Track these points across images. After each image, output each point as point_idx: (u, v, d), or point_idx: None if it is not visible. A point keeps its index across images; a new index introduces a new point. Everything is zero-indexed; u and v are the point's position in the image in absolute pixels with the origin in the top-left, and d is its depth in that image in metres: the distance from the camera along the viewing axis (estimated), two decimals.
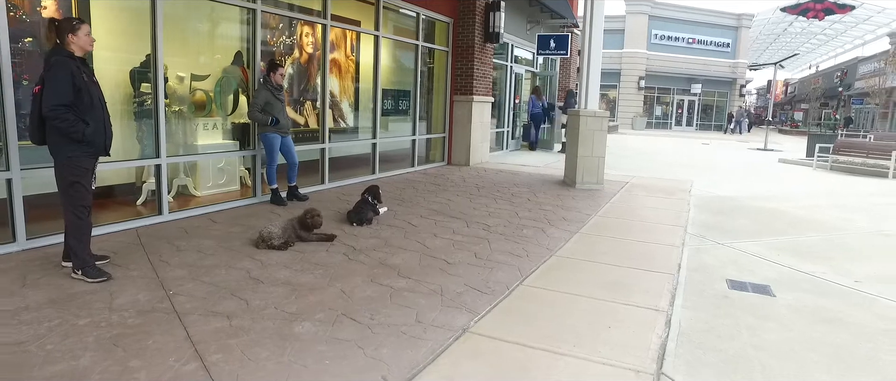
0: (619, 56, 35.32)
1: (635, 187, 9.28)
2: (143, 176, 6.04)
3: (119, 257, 4.36)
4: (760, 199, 9.09)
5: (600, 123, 8.98)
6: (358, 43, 8.96)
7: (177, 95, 6.27)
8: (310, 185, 7.69)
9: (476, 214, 6.63)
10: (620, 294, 4.02)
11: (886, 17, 35.65)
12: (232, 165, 6.89)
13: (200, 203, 6.24)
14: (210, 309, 3.42)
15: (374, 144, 9.17)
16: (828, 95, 45.44)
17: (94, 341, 2.96)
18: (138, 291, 3.69)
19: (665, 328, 3.47)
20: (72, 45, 3.80)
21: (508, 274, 4.39)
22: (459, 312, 3.58)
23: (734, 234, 6.36)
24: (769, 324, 3.70)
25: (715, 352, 3.22)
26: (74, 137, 3.74)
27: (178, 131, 6.31)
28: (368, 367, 2.79)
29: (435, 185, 8.74)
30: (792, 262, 5.25)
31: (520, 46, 14.71)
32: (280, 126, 6.38)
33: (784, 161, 16.35)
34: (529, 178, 9.96)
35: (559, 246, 5.32)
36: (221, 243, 4.89)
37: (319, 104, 7.99)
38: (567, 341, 3.20)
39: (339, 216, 6.08)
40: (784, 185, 11.34)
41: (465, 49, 11.02)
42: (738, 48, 38.02)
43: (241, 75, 6.87)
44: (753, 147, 22.17)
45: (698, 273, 4.77)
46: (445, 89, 11.24)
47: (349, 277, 4.16)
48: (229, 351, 2.88)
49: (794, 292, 4.36)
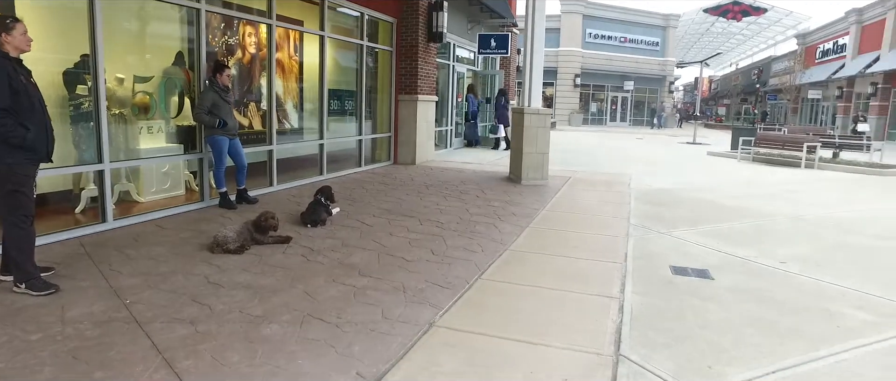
0: (556, 54, 36.30)
1: (578, 182, 9.64)
2: (82, 182, 5.78)
3: (65, 268, 4.19)
4: (694, 190, 9.66)
5: (543, 121, 9.27)
6: (302, 43, 8.87)
7: (117, 97, 6.02)
8: (258, 187, 7.57)
9: (428, 211, 6.73)
10: (575, 284, 4.22)
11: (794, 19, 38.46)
12: (177, 170, 6.69)
13: (145, 209, 6.03)
14: (172, 316, 3.36)
15: (321, 144, 9.11)
16: (747, 91, 48.42)
17: (51, 355, 2.85)
18: (92, 302, 3.57)
19: (619, 314, 3.69)
20: (6, 46, 3.62)
21: (466, 269, 4.52)
22: (423, 307, 3.67)
23: (673, 223, 6.75)
24: (710, 305, 4.00)
25: (665, 333, 3.46)
26: (14, 142, 3.57)
27: (119, 135, 6.06)
28: (342, 364, 2.84)
29: (384, 184, 8.78)
30: (726, 247, 5.65)
31: (461, 46, 14.91)
32: (228, 128, 6.25)
33: (712, 154, 17.35)
34: (476, 175, 10.16)
35: (512, 240, 5.50)
36: (174, 250, 4.77)
37: (265, 105, 7.86)
38: (530, 329, 3.35)
39: (292, 218, 6.04)
40: (714, 176, 12.06)
41: (409, 49, 11.09)
42: (667, 47, 39.90)
43: (185, 77, 6.67)
44: (683, 141, 23.37)
45: (644, 261, 5.07)
46: (390, 89, 11.27)
47: (311, 278, 4.17)
48: (199, 357, 2.86)
49: (730, 275, 4.72)
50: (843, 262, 5.31)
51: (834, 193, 9.93)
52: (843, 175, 12.66)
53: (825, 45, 35.68)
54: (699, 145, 21.09)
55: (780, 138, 16.02)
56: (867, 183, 11.37)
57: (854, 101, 31.14)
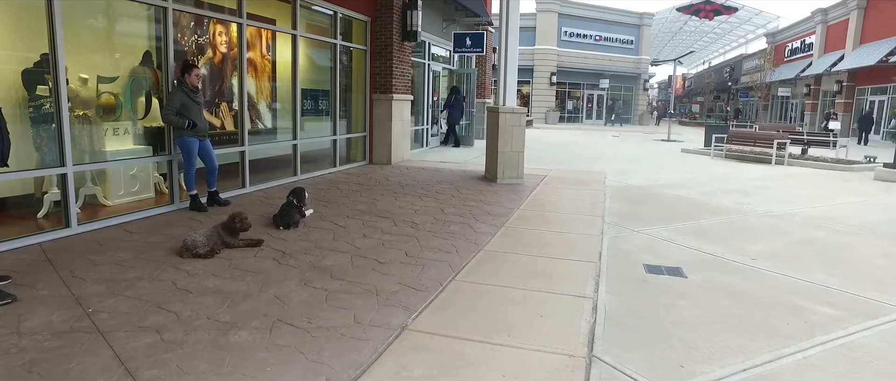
0: (532, 53, 36.49)
1: (553, 180, 9.68)
2: (45, 186, 5.60)
3: (23, 277, 4.03)
4: (668, 187, 9.78)
5: (518, 119, 9.28)
6: (274, 42, 8.73)
7: (80, 97, 5.84)
8: (230, 189, 7.43)
9: (402, 212, 6.67)
10: (549, 284, 4.22)
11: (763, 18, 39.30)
12: (145, 172, 6.53)
13: (112, 213, 5.87)
14: (137, 324, 3.26)
15: (294, 145, 8.98)
16: (719, 88, 49.31)
17: (4, 369, 2.73)
18: (51, 311, 3.44)
19: (592, 314, 3.69)
20: None
21: (440, 271, 4.48)
22: (396, 310, 3.62)
23: (647, 221, 6.81)
24: (683, 302, 4.03)
25: (639, 332, 3.48)
26: None
27: (83, 137, 5.89)
28: (312, 371, 2.78)
29: (358, 184, 8.69)
30: (698, 244, 5.71)
31: (437, 44, 14.87)
32: (198, 130, 6.11)
33: (686, 151, 17.61)
34: (451, 174, 10.13)
35: (486, 241, 5.48)
36: (141, 255, 4.64)
37: (237, 106, 7.72)
38: (503, 331, 3.33)
39: (264, 220, 5.93)
40: (687, 173, 12.23)
41: (384, 48, 11.01)
42: (641, 45, 40.39)
43: (152, 77, 6.51)
44: (658, 138, 23.68)
45: (618, 259, 5.10)
46: (365, 88, 11.18)
47: (282, 282, 4.09)
48: (164, 366, 2.77)
49: (702, 272, 4.77)
50: (809, 257, 5.42)
51: (802, 189, 10.14)
52: (812, 171, 12.97)
53: (793, 44, 36.52)
54: (673, 143, 21.39)
55: (751, 135, 16.34)
56: (834, 179, 11.66)
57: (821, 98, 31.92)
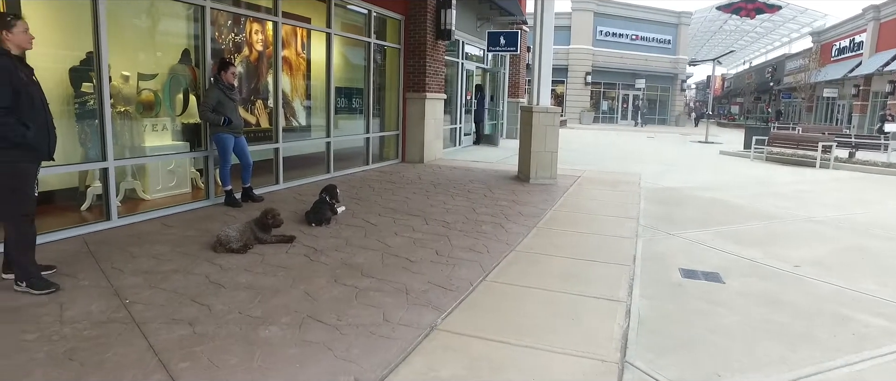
0: (567, 52, 36.09)
1: (587, 181, 9.53)
2: (88, 180, 5.77)
3: (67, 267, 4.16)
4: (705, 189, 9.52)
5: (552, 119, 9.17)
6: (309, 41, 8.83)
7: (122, 94, 6.01)
8: (264, 185, 7.54)
9: (434, 211, 6.66)
10: (581, 286, 4.13)
11: (809, 17, 37.93)
12: (183, 167, 6.67)
13: (151, 207, 6.02)
14: (171, 317, 3.32)
15: (328, 142, 9.07)
16: (760, 89, 47.87)
17: (46, 356, 2.82)
18: (91, 301, 3.54)
19: (625, 318, 3.60)
20: (7, 43, 3.59)
21: (470, 271, 4.45)
22: (426, 310, 3.60)
23: (683, 224, 6.64)
24: (720, 309, 3.90)
25: (673, 338, 3.37)
26: (15, 141, 3.54)
27: (124, 133, 6.06)
28: (340, 368, 2.78)
29: (391, 183, 8.72)
30: (737, 249, 5.53)
31: (470, 43, 14.82)
32: (233, 126, 6.22)
33: (724, 153, 17.14)
34: (484, 174, 10.07)
35: (518, 241, 5.42)
36: (177, 248, 4.74)
37: (272, 103, 7.83)
38: (533, 334, 3.27)
39: (296, 217, 5.99)
40: (725, 175, 11.89)
41: (417, 46, 11.02)
42: (679, 45, 39.54)
43: (191, 74, 6.65)
44: (695, 140, 23.13)
45: (652, 263, 4.97)
46: (398, 87, 11.21)
47: (312, 278, 4.11)
48: (196, 359, 2.81)
49: (740, 278, 4.61)
50: (858, 265, 5.18)
51: (850, 193, 9.73)
52: (860, 175, 12.43)
53: (841, 42, 35.13)
54: (711, 144, 20.85)
55: (794, 137, 15.78)
56: (885, 184, 11.15)
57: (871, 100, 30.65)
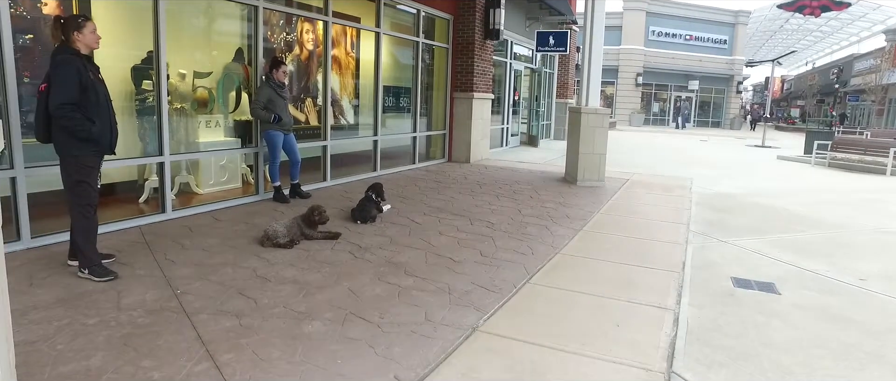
0: (617, 53, 35.33)
1: (636, 184, 9.29)
2: (146, 174, 6.02)
3: (124, 256, 4.35)
4: (761, 195, 9.13)
5: (601, 120, 8.98)
6: (358, 40, 8.94)
7: (179, 92, 6.24)
8: (312, 182, 7.68)
9: (479, 211, 6.63)
10: (627, 292, 4.03)
11: (882, 14, 35.78)
12: (234, 163, 6.87)
13: (203, 201, 6.23)
14: (219, 308, 3.41)
15: (375, 141, 9.16)
16: (824, 91, 45.59)
17: (105, 340, 2.95)
18: (146, 290, 3.68)
19: (673, 327, 3.48)
20: (77, 43, 3.77)
21: (514, 272, 4.40)
22: (468, 310, 3.58)
23: (736, 231, 6.38)
24: (776, 322, 3.72)
25: (724, 350, 3.24)
26: (81, 135, 3.72)
27: (180, 129, 6.29)
28: (381, 366, 2.79)
29: (436, 182, 8.74)
30: (795, 259, 5.27)
31: (519, 43, 14.70)
32: (282, 123, 6.36)
33: (782, 158, 16.41)
34: (530, 175, 9.97)
35: (563, 244, 5.33)
36: (227, 242, 4.88)
37: (321, 101, 7.97)
38: (576, 339, 3.20)
39: (342, 214, 6.08)
40: (783, 182, 11.38)
41: (466, 46, 11.00)
42: (735, 45, 38.09)
43: (243, 72, 6.84)
44: (751, 144, 22.24)
45: (703, 271, 4.79)
46: (446, 86, 11.23)
47: (356, 275, 4.15)
48: (240, 351, 2.88)
49: (799, 290, 4.38)
50: None
51: None
52: None
53: None
54: (768, 149, 20.01)
55: (861, 142, 14.95)
56: None
57: None
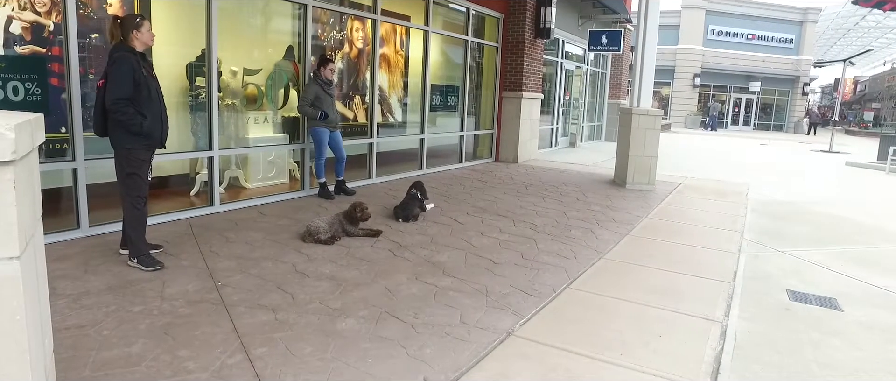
0: (674, 52, 34.21)
1: (688, 189, 8.95)
2: (198, 167, 6.21)
3: (172, 247, 4.49)
4: (825, 204, 8.61)
5: (653, 122, 8.70)
6: (407, 38, 8.97)
7: (230, 88, 6.42)
8: (357, 179, 7.76)
9: (523, 212, 6.52)
10: (672, 301, 3.85)
11: None
12: (282, 159, 7.01)
13: (251, 195, 6.38)
14: (256, 302, 3.47)
15: (421, 139, 9.17)
16: None
17: (147, 328, 3.04)
18: (189, 281, 3.79)
19: (720, 340, 3.30)
20: (134, 41, 3.92)
21: (555, 276, 4.29)
22: (504, 314, 3.51)
23: (795, 241, 6.03)
24: (836, 340, 3.47)
25: (775, 368, 3.04)
26: (133, 129, 3.85)
27: (230, 124, 6.46)
28: (411, 367, 2.76)
29: (482, 182, 8.67)
30: (862, 274, 4.92)
31: (571, 42, 14.44)
32: (329, 120, 6.44)
33: (851, 164, 15.46)
34: (578, 176, 9.76)
35: (608, 249, 5.17)
36: (269, 236, 4.97)
37: (368, 99, 8.04)
38: (615, 349, 3.08)
39: (385, 212, 6.10)
40: (851, 190, 10.72)
41: (515, 45, 10.87)
42: (802, 44, 36.19)
43: (292, 70, 6.97)
44: (817, 149, 21.09)
45: (756, 282, 4.54)
46: (494, 85, 11.13)
47: (394, 273, 4.15)
48: (273, 345, 2.91)
49: (864, 308, 4.08)
50: None
51: None
52: None
53: None
54: (836, 154, 18.92)
55: None
56: None
57: None
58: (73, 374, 2.53)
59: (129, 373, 2.58)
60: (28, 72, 4.34)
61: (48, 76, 4.51)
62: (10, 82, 4.23)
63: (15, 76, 4.26)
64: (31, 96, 4.35)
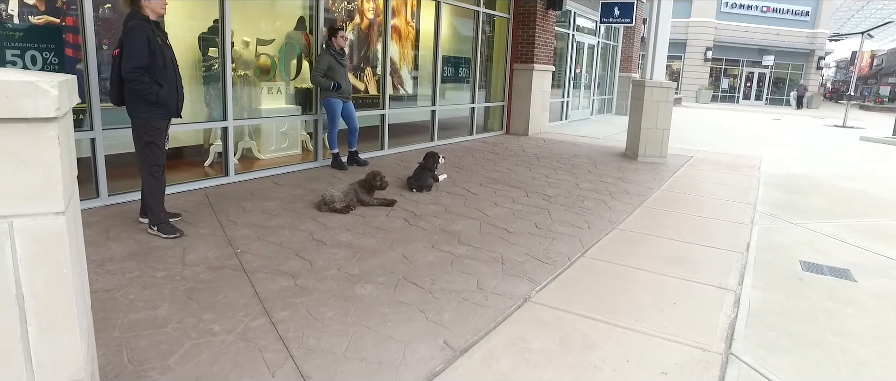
0: (686, 25, 33.66)
1: (700, 162, 8.91)
2: (211, 138, 6.25)
3: (190, 216, 4.55)
4: (838, 178, 8.55)
5: (666, 95, 8.62)
6: (418, 9, 8.88)
7: (242, 59, 6.41)
8: (369, 150, 7.77)
9: (536, 183, 6.54)
10: (685, 271, 3.88)
11: None
12: (294, 130, 7.04)
13: (264, 166, 6.42)
14: (276, 268, 3.52)
15: (433, 111, 9.15)
16: None
17: (170, 293, 3.10)
18: (209, 248, 3.85)
19: (734, 308, 3.34)
20: (146, 10, 3.91)
21: (569, 245, 4.32)
22: (520, 281, 3.55)
23: (808, 213, 6.02)
24: (849, 309, 3.49)
25: (789, 336, 3.07)
26: (149, 98, 3.87)
27: (243, 95, 6.48)
28: (431, 330, 2.81)
29: (494, 153, 8.67)
30: (875, 246, 4.92)
31: (582, 14, 14.24)
32: (342, 91, 6.43)
33: (866, 139, 15.29)
34: (590, 149, 9.74)
35: (621, 219, 5.19)
36: (285, 205, 5.02)
37: (380, 71, 8.01)
38: (630, 315, 3.12)
39: (399, 182, 6.13)
40: (865, 163, 10.62)
41: (527, 16, 10.74)
42: (819, 17, 35.45)
43: (304, 41, 6.95)
44: (830, 124, 20.85)
45: (769, 253, 4.55)
46: (506, 57, 11.04)
47: (410, 242, 4.19)
48: (295, 309, 2.97)
49: (878, 278, 4.09)
50: None
51: None
52: None
53: None
54: (850, 129, 18.71)
55: None
56: None
57: None
58: (104, 335, 2.60)
59: (157, 334, 2.65)
60: (45, 41, 4.36)
61: (64, 46, 4.53)
62: (28, 51, 4.25)
63: (32, 46, 4.28)
64: (48, 66, 4.37)
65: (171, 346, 2.55)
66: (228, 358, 2.48)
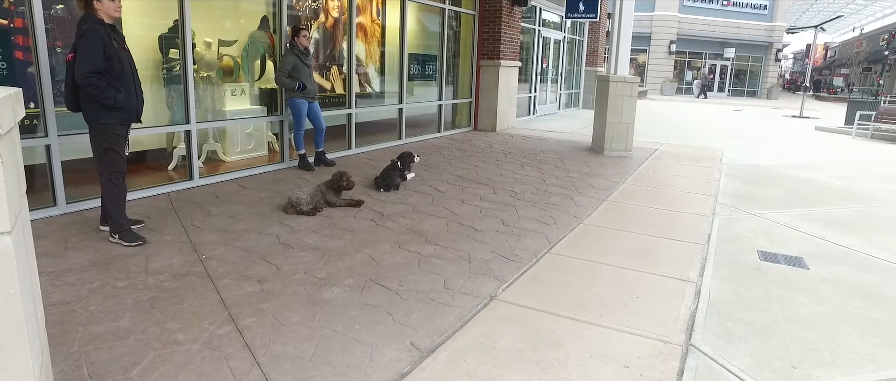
0: (650, 19, 34.26)
1: (664, 155, 9.11)
2: (174, 141, 6.13)
3: (153, 222, 4.47)
4: (794, 168, 8.85)
5: (630, 89, 8.78)
6: (384, 7, 8.85)
7: (205, 60, 6.29)
8: (337, 150, 7.73)
9: (503, 180, 6.60)
10: (649, 264, 3.98)
11: None
12: (260, 131, 6.95)
13: (230, 168, 6.33)
14: (242, 274, 3.49)
15: (400, 109, 9.14)
16: (872, 59, 43.54)
17: (133, 303, 3.05)
18: (173, 255, 3.78)
19: (694, 299, 3.44)
20: (100, 13, 3.80)
21: (536, 242, 4.39)
22: (487, 279, 3.59)
23: (766, 204, 6.22)
24: (801, 297, 3.63)
25: (745, 324, 3.18)
26: (106, 103, 3.77)
27: (206, 97, 6.36)
28: (398, 332, 2.83)
29: (461, 150, 8.70)
30: (827, 234, 5.12)
31: (548, 10, 14.37)
32: (307, 91, 6.37)
33: (821, 129, 15.85)
34: (557, 144, 9.85)
35: (587, 214, 5.28)
36: (251, 208, 4.96)
37: (346, 69, 7.95)
38: (595, 310, 3.19)
39: (366, 182, 6.11)
40: (820, 154, 11.01)
41: (493, 13, 10.80)
42: (776, 11, 36.49)
43: (268, 41, 6.86)
44: (788, 114, 21.51)
45: (729, 244, 4.70)
46: (472, 54, 11.08)
47: (377, 243, 4.19)
48: (261, 315, 2.95)
49: (829, 266, 4.26)
50: None
51: None
52: None
53: None
54: (806, 119, 19.34)
55: None
56: None
57: None
58: (62, 349, 2.54)
59: (119, 346, 2.60)
60: None
61: (13, 49, 4.38)
62: None
63: None
64: None
65: (134, 358, 2.51)
66: (193, 368, 2.45)
